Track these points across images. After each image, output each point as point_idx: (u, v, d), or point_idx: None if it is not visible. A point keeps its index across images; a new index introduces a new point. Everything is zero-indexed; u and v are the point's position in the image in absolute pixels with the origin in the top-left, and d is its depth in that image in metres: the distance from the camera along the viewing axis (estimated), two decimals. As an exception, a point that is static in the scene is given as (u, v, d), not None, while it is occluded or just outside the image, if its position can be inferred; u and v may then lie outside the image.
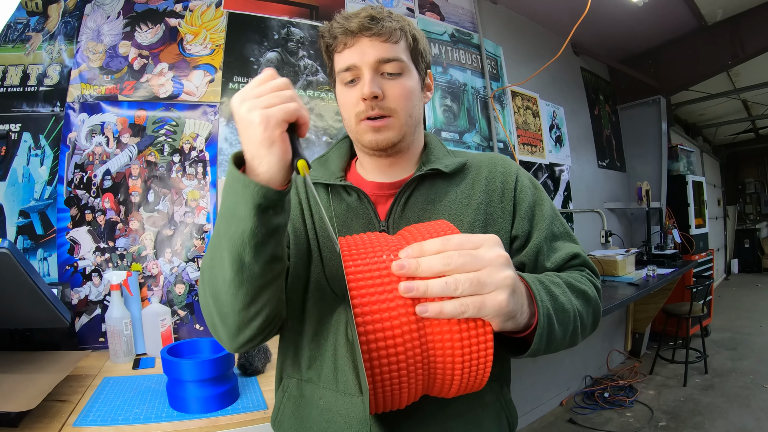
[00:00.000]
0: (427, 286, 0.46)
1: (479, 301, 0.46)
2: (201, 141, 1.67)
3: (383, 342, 0.45)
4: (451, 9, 2.52)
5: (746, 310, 4.76)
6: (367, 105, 0.65)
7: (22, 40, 1.54)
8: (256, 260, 0.51)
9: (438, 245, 0.47)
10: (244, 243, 0.50)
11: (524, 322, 0.52)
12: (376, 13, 0.65)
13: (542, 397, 2.64)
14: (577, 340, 0.63)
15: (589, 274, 0.71)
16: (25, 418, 0.92)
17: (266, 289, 0.55)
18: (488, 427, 0.66)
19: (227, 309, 0.55)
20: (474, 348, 0.47)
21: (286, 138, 0.49)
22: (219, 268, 0.53)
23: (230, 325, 0.57)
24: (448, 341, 0.47)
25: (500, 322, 0.48)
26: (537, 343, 0.53)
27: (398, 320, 0.46)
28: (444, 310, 0.45)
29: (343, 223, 0.69)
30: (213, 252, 0.55)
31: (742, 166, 7.96)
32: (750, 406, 2.56)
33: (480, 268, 0.46)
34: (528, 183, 0.73)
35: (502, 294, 0.46)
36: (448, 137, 2.35)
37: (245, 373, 1.23)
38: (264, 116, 0.47)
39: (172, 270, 1.59)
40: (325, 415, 0.64)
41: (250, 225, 0.49)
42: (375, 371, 0.45)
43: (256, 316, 0.56)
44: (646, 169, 3.91)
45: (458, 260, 0.46)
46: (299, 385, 0.69)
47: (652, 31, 3.37)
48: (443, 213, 0.68)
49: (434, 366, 0.48)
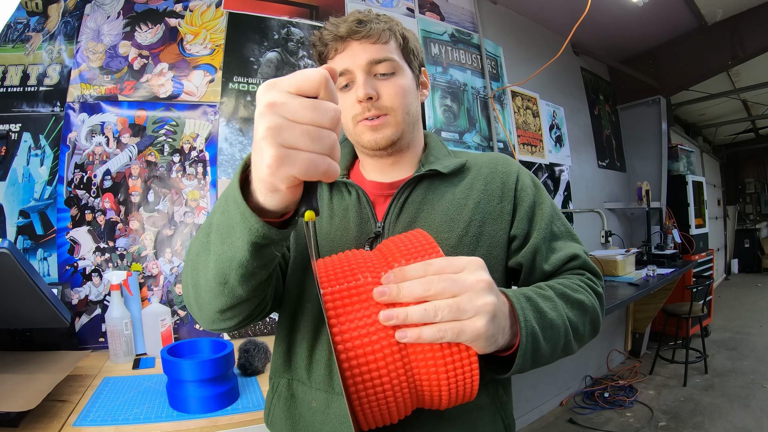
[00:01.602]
0: (407, 313, 0.45)
1: (458, 327, 0.45)
2: (201, 141, 1.67)
3: (366, 367, 0.45)
4: (451, 9, 2.52)
5: (746, 310, 4.76)
6: (363, 107, 0.66)
7: (22, 40, 1.54)
8: (240, 284, 0.49)
9: (420, 270, 0.47)
10: (231, 267, 0.47)
11: (506, 343, 0.52)
12: (363, 16, 0.66)
13: (542, 397, 2.64)
14: (571, 350, 0.62)
15: (590, 278, 0.70)
16: (25, 418, 0.92)
17: (247, 302, 0.54)
18: (483, 430, 0.66)
19: (205, 303, 0.54)
20: (459, 370, 0.47)
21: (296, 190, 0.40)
22: (203, 271, 0.51)
23: (206, 316, 0.57)
24: (432, 366, 0.47)
25: (481, 346, 0.47)
26: (519, 364, 0.53)
27: (379, 344, 0.45)
28: (422, 336, 0.45)
29: (341, 221, 0.69)
30: (200, 250, 0.51)
31: (742, 166, 7.96)
32: (750, 406, 2.56)
33: (460, 293, 0.46)
34: (529, 182, 0.73)
35: (481, 320, 0.46)
36: (448, 137, 2.36)
37: (245, 373, 1.23)
38: (277, 160, 0.37)
39: (172, 270, 1.59)
40: (319, 416, 0.64)
41: (240, 257, 0.45)
42: (361, 397, 0.45)
43: (232, 318, 0.56)
44: (646, 169, 3.91)
45: (438, 285, 0.46)
46: (290, 384, 0.69)
47: (652, 31, 3.38)
48: (440, 213, 0.67)
49: (420, 387, 0.48)
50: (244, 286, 0.50)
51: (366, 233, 0.68)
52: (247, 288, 0.50)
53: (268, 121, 0.36)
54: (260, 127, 0.37)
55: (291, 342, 0.69)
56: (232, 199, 0.43)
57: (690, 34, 3.47)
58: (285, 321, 0.70)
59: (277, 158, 0.36)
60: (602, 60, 3.81)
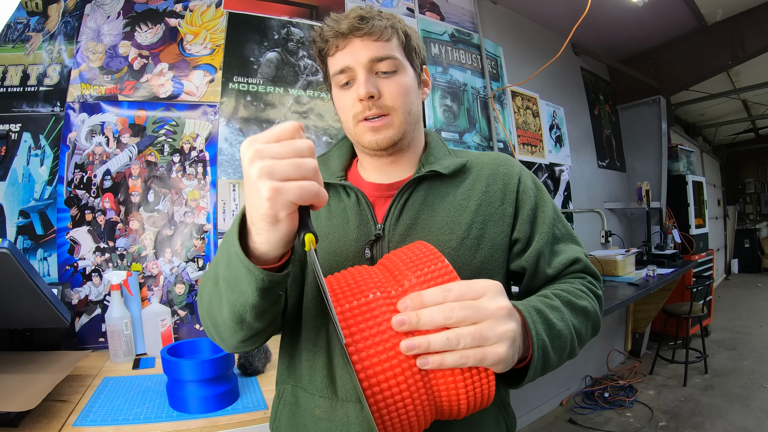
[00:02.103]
0: (429, 342, 0.45)
1: (480, 353, 0.46)
2: (201, 141, 1.67)
3: (386, 385, 0.45)
4: (451, 9, 2.52)
5: (746, 310, 4.76)
6: (364, 105, 0.64)
7: (22, 40, 1.54)
8: (256, 321, 0.53)
9: (439, 296, 0.47)
10: (246, 310, 0.51)
11: (518, 357, 0.53)
12: (365, 12, 0.65)
13: (542, 397, 2.64)
14: (574, 355, 0.64)
15: (591, 281, 0.70)
16: (25, 418, 0.92)
17: (265, 330, 0.59)
18: (487, 431, 0.66)
19: (227, 337, 0.59)
20: (477, 385, 0.48)
21: (294, 216, 0.45)
22: (219, 315, 0.56)
23: (229, 346, 0.62)
24: (452, 384, 0.48)
25: (501, 369, 0.49)
26: (531, 377, 0.54)
27: (400, 368, 0.46)
28: (445, 363, 0.46)
29: (340, 224, 0.69)
30: (212, 297, 0.56)
31: (742, 166, 7.96)
32: (750, 406, 2.56)
33: (482, 320, 0.46)
34: (531, 184, 0.72)
35: (503, 346, 0.47)
36: (448, 137, 2.35)
37: (245, 373, 1.23)
38: (274, 191, 0.42)
39: (172, 270, 1.59)
40: (323, 424, 0.63)
41: (251, 301, 0.49)
42: (383, 414, 0.46)
43: (255, 342, 0.61)
44: (646, 169, 3.91)
45: (460, 313, 0.46)
46: (294, 391, 0.68)
47: (652, 31, 3.37)
48: (441, 215, 0.67)
49: (440, 402, 0.49)
50: (260, 322, 0.54)
51: (366, 236, 0.67)
52: (264, 322, 0.55)
53: (258, 164, 0.42)
54: (253, 171, 0.42)
55: (293, 349, 0.69)
56: (235, 256, 0.47)
57: (690, 34, 3.47)
58: (287, 328, 0.70)
59: (274, 190, 0.41)
60: (602, 60, 3.80)
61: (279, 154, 0.43)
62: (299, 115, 1.87)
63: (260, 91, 1.80)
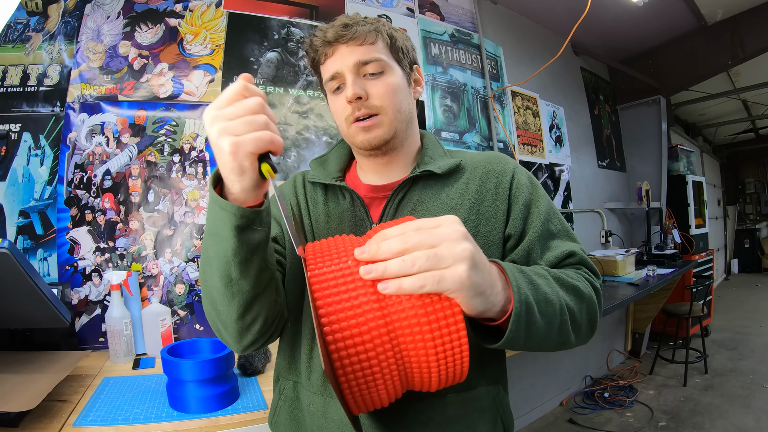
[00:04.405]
0: (386, 266, 0.46)
1: (438, 275, 0.45)
2: (201, 141, 1.67)
3: (351, 341, 0.45)
4: (451, 9, 2.52)
5: (746, 310, 4.76)
6: (353, 107, 0.67)
7: (22, 40, 1.54)
8: (243, 276, 0.54)
9: (398, 229, 0.48)
10: (228, 261, 0.53)
11: (499, 306, 0.51)
12: (349, 20, 0.68)
13: (542, 397, 2.64)
14: (568, 337, 0.60)
15: (587, 272, 0.67)
16: (25, 418, 0.92)
17: (258, 298, 0.58)
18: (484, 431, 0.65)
19: (225, 318, 0.59)
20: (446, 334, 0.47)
21: (256, 164, 0.50)
22: (211, 282, 0.57)
23: (231, 331, 0.60)
24: (416, 326, 0.47)
25: (465, 297, 0.46)
26: (513, 330, 0.50)
27: (364, 317, 0.46)
28: (403, 286, 0.45)
29: (337, 224, 0.70)
30: (204, 266, 0.59)
31: (742, 166, 7.96)
32: (750, 406, 2.56)
33: (437, 243, 0.46)
34: (525, 180, 0.72)
35: (461, 266, 0.45)
36: (448, 137, 2.36)
37: (245, 373, 1.23)
38: (234, 145, 0.48)
39: (172, 270, 1.59)
40: (317, 420, 0.65)
41: (232, 245, 0.52)
42: (348, 373, 0.46)
43: (254, 322, 0.59)
44: (646, 169, 3.91)
45: (415, 238, 0.46)
46: (295, 387, 0.70)
47: (652, 31, 3.37)
48: (434, 214, 0.66)
49: (408, 358, 0.48)
50: (247, 277, 0.55)
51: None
52: (250, 279, 0.55)
53: (216, 127, 0.48)
54: (213, 132, 0.49)
55: (293, 345, 0.70)
56: (212, 200, 0.52)
57: (690, 34, 3.47)
58: (287, 326, 0.70)
59: (233, 144, 0.47)
60: (602, 60, 3.81)
61: (233, 114, 0.48)
62: (299, 115, 1.87)
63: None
